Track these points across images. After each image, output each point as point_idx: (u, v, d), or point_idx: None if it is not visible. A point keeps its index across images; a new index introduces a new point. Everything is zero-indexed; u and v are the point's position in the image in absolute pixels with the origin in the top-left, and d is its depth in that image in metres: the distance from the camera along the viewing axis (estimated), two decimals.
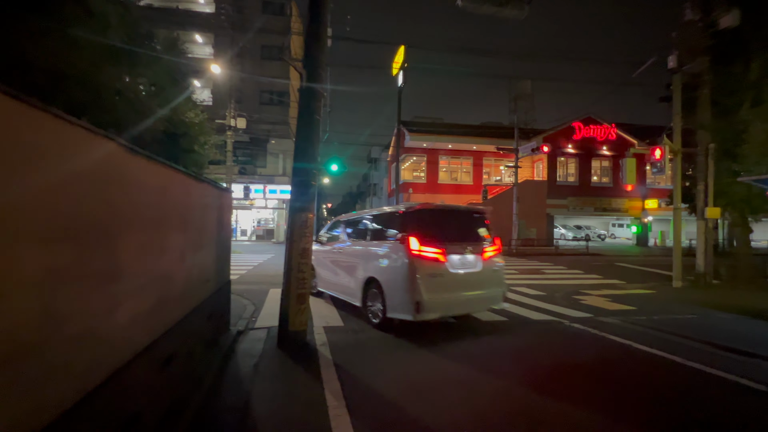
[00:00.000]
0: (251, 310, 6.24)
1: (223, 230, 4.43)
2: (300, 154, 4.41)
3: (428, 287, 4.42)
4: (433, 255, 4.52)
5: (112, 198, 1.85)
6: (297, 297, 4.26)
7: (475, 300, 4.96)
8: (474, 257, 4.88)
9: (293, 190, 4.45)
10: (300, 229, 4.32)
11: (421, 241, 4.50)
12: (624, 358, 4.13)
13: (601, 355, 4.17)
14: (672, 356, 4.10)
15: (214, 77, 19.74)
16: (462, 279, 4.74)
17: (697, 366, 3.82)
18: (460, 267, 4.74)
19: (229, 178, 17.75)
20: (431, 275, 4.48)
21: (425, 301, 4.38)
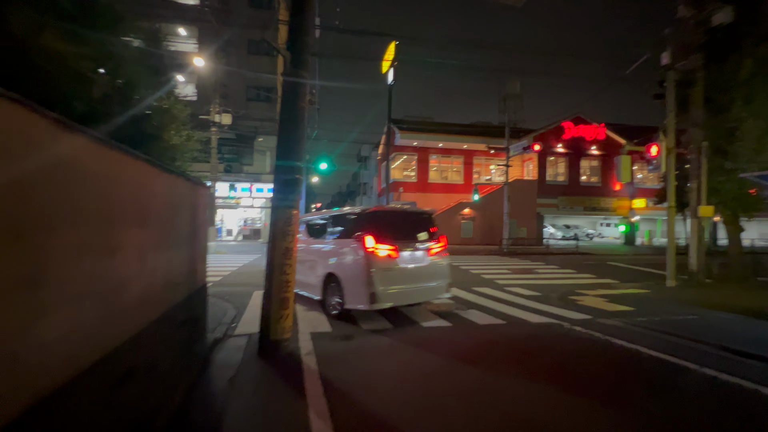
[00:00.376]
0: (232, 315, 5.82)
1: (198, 228, 4.01)
2: (284, 150, 4.04)
3: (382, 280, 4.92)
4: (387, 252, 5.03)
5: (34, 185, 1.46)
6: (280, 301, 3.87)
7: (424, 291, 5.53)
8: (422, 253, 5.47)
9: (276, 187, 4.07)
10: (283, 226, 3.94)
11: (376, 240, 5.00)
12: (637, 366, 3.87)
13: (613, 363, 3.90)
14: (685, 362, 3.84)
15: (199, 72, 19.09)
16: (411, 272, 5.31)
17: (712, 373, 3.57)
18: (410, 262, 5.29)
19: (214, 176, 17.17)
20: (384, 270, 4.99)
21: (379, 292, 4.87)
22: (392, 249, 5.07)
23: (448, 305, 6.59)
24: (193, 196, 3.87)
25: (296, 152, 4.08)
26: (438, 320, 5.48)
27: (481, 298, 7.42)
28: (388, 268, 5.02)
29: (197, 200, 4.03)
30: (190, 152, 15.33)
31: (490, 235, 23.06)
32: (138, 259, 2.44)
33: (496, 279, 10.09)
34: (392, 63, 24.56)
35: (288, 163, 3.99)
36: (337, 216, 6.08)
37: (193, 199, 3.85)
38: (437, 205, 25.63)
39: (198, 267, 4.23)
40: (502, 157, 25.07)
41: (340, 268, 5.36)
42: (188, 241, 3.70)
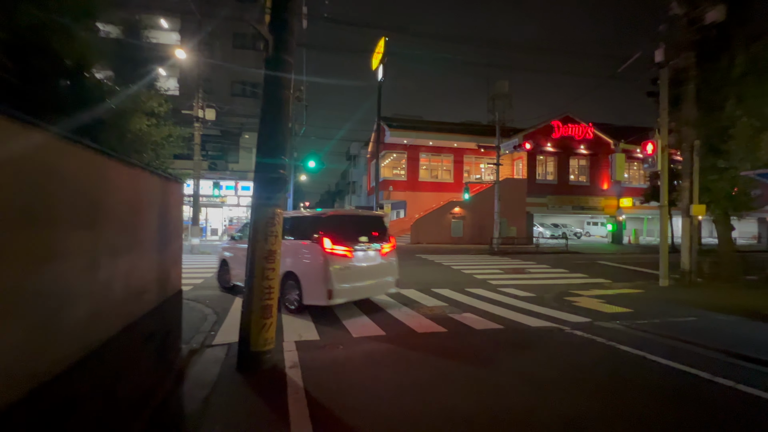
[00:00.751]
0: (212, 321, 5.41)
1: (169, 229, 3.61)
2: (266, 145, 3.66)
3: (338, 278, 5.30)
4: (343, 252, 5.43)
5: None
6: (261, 309, 3.50)
7: (376, 286, 6.04)
8: (374, 253, 5.97)
9: (256, 185, 3.69)
10: (265, 227, 3.56)
11: (333, 242, 5.37)
12: (646, 374, 3.63)
13: (621, 372, 3.65)
14: (696, 371, 3.63)
15: (181, 65, 18.39)
16: (365, 270, 5.76)
17: (727, 383, 3.35)
18: (363, 261, 5.75)
19: (198, 174, 16.55)
20: (341, 269, 5.37)
21: (336, 289, 5.24)
22: (348, 250, 5.50)
23: (442, 309, 6.30)
24: (164, 193, 3.47)
25: (280, 147, 3.71)
26: (433, 325, 5.18)
27: (476, 300, 7.16)
28: (344, 267, 5.42)
29: (168, 198, 3.62)
30: (171, 148, 14.59)
31: (480, 235, 22.94)
32: (86, 267, 2.06)
33: (489, 279, 9.86)
34: (382, 60, 24.22)
35: (271, 161, 3.62)
36: (294, 218, 6.26)
37: (163, 197, 3.45)
38: (428, 204, 25.42)
39: (171, 272, 3.82)
40: (492, 155, 24.98)
41: (298, 267, 5.64)
42: (158, 243, 3.30)
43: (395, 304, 6.64)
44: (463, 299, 7.19)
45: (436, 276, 10.36)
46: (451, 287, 8.46)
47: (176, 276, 4.07)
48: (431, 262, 13.57)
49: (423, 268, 12.18)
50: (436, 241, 22.59)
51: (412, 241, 22.42)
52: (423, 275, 10.49)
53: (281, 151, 3.69)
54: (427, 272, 11.14)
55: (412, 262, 13.61)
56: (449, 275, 10.58)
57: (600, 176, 26.34)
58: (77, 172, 1.98)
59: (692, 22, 9.34)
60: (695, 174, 9.37)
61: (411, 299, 7.08)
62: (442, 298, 7.29)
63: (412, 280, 9.35)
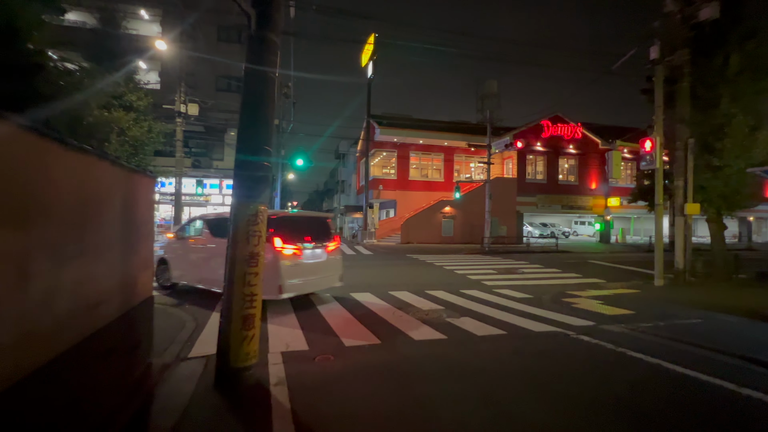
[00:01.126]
0: (190, 329, 4.92)
1: (137, 229, 3.17)
2: (248, 132, 3.25)
3: (288, 274, 5.69)
4: (292, 251, 5.83)
5: None
6: (242, 319, 3.09)
7: (321, 281, 6.48)
8: (320, 251, 6.37)
9: (237, 182, 3.27)
10: (247, 226, 3.15)
11: (283, 241, 5.74)
12: (668, 386, 3.35)
13: (642, 385, 3.35)
14: (720, 381, 3.36)
15: (163, 58, 17.64)
16: (312, 267, 6.16)
17: (756, 395, 3.10)
18: (311, 258, 6.15)
19: (180, 171, 15.86)
20: (290, 265, 5.77)
21: (285, 284, 5.64)
22: (296, 248, 5.90)
23: (439, 313, 5.96)
24: (130, 188, 3.03)
25: (264, 136, 3.30)
26: (430, 331, 4.84)
27: (472, 302, 6.85)
28: (293, 264, 5.83)
29: (136, 193, 3.18)
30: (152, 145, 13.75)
31: (470, 234, 22.78)
32: (14, 275, 1.63)
33: (483, 280, 9.59)
34: (371, 57, 23.84)
35: (253, 152, 3.21)
36: None
37: (128, 191, 3.01)
38: (418, 203, 25.14)
39: (139, 277, 3.38)
40: (482, 154, 24.85)
41: None
42: (122, 244, 2.86)
43: (389, 307, 6.27)
44: (459, 302, 6.87)
45: (428, 277, 10.04)
46: (445, 289, 8.15)
47: (146, 281, 3.63)
48: (423, 263, 13.26)
49: (415, 268, 11.86)
50: (426, 241, 22.32)
51: (402, 240, 22.10)
52: (415, 276, 10.16)
53: (265, 140, 3.29)
54: (420, 273, 10.81)
55: (403, 263, 13.28)
56: (442, 276, 10.28)
57: (588, 176, 26.51)
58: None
59: (686, 19, 9.24)
60: (689, 172, 9.29)
61: (405, 302, 6.73)
62: (437, 300, 6.96)
63: (405, 282, 9.01)
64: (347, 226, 32.23)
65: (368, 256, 15.69)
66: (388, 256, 15.40)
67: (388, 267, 12.14)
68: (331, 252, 6.64)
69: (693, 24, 9.18)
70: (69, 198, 2.07)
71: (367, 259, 14.59)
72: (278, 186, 28.04)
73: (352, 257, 15.08)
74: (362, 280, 9.21)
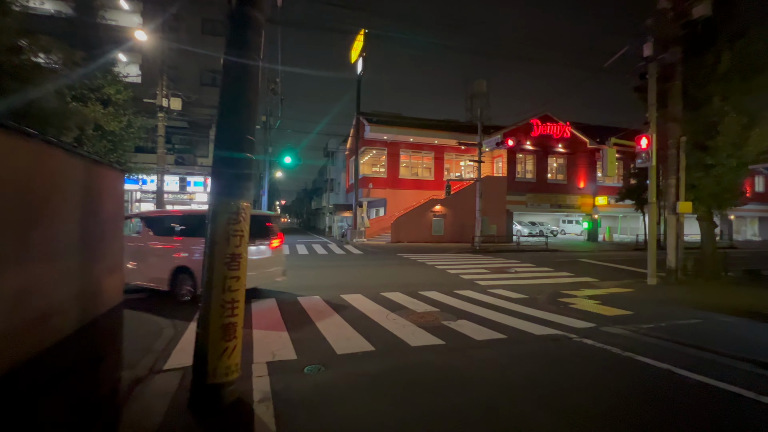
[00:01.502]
0: (168, 337, 4.56)
1: (101, 228, 2.81)
2: (228, 126, 2.91)
3: None
4: None
5: None
6: (222, 329, 2.76)
7: (267, 275, 6.79)
8: (265, 247, 6.70)
9: (216, 171, 2.94)
10: (227, 225, 2.82)
11: None
12: (687, 396, 3.15)
13: (658, 395, 3.15)
14: (737, 389, 3.18)
15: (144, 51, 16.95)
16: (257, 262, 6.33)
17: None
18: (256, 254, 6.32)
19: (162, 168, 15.24)
20: None
21: None
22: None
23: (434, 315, 5.70)
24: (91, 181, 2.66)
25: (246, 124, 2.97)
26: (427, 336, 4.57)
27: (467, 303, 6.62)
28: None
29: (99, 187, 2.81)
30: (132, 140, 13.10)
31: (460, 233, 22.67)
32: None
33: (477, 280, 9.39)
34: (361, 53, 23.46)
35: (235, 150, 2.88)
36: (189, 216, 6.90)
37: (90, 185, 2.64)
38: (408, 202, 24.92)
39: (105, 282, 3.01)
40: (472, 153, 24.76)
41: (193, 262, 6.14)
42: (81, 246, 2.50)
43: (382, 310, 5.99)
44: (454, 303, 6.63)
45: (420, 277, 9.80)
46: (439, 289, 7.91)
47: (114, 287, 3.25)
48: (414, 262, 13.02)
49: (406, 268, 11.60)
50: (416, 240, 22.12)
51: (392, 239, 21.84)
52: (407, 276, 9.90)
53: (248, 130, 2.96)
54: (411, 273, 10.56)
55: (394, 262, 13.02)
56: (434, 276, 10.05)
57: (576, 175, 26.71)
58: None
59: (679, 17, 9.19)
60: (681, 171, 9.25)
61: (398, 304, 6.46)
62: (431, 302, 6.71)
63: (397, 282, 8.74)
64: (336, 225, 31.79)
65: (358, 255, 15.38)
66: (378, 256, 15.11)
67: (379, 267, 11.86)
68: (275, 249, 6.99)
69: (685, 22, 9.15)
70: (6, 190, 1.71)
71: (357, 258, 14.27)
72: (266, 184, 27.46)
73: (341, 257, 14.74)
74: (353, 281, 8.91)
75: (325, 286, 8.16)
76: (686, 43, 9.21)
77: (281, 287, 7.82)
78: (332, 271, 10.80)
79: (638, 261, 14.53)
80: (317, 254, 15.53)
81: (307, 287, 7.92)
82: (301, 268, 11.22)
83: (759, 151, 8.47)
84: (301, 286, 8.01)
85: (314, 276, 9.69)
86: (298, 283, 8.40)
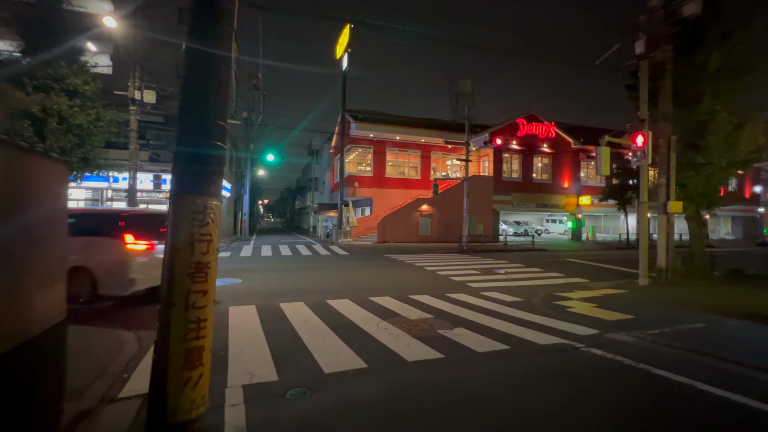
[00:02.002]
0: (130, 354, 4.01)
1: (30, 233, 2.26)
2: (193, 105, 2.42)
3: (140, 269, 5.98)
4: (143, 246, 6.09)
5: None
6: (185, 355, 2.26)
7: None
8: None
9: (177, 167, 2.44)
10: (191, 227, 2.32)
11: (135, 237, 6.03)
12: (717, 417, 2.84)
13: (691, 419, 2.83)
14: None
15: (116, 41, 15.92)
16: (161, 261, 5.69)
17: None
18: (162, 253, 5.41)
19: (134, 165, 14.37)
20: (142, 260, 6.04)
21: (138, 278, 5.94)
22: (148, 243, 6.13)
23: (429, 323, 5.29)
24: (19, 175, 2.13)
25: (216, 110, 2.47)
26: (424, 349, 4.15)
27: (462, 308, 6.25)
28: (145, 259, 6.07)
29: (32, 182, 2.27)
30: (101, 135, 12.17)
31: (447, 233, 22.45)
32: None
33: (468, 282, 9.07)
34: (346, 48, 22.93)
35: (202, 135, 2.38)
36: (94, 215, 7.01)
37: (17, 180, 2.11)
38: (394, 202, 24.54)
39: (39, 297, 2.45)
40: (459, 152, 24.60)
41: (94, 262, 6.02)
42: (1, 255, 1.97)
43: (372, 317, 5.54)
44: (448, 308, 6.25)
45: (410, 279, 9.40)
46: (430, 293, 7.53)
47: (54, 301, 2.69)
48: (402, 263, 12.63)
49: (394, 270, 11.19)
50: (403, 240, 21.76)
51: (378, 240, 21.41)
52: (396, 279, 9.49)
53: (217, 112, 2.46)
54: (400, 275, 10.16)
55: (381, 263, 12.59)
56: (424, 278, 9.67)
57: (561, 175, 26.92)
58: None
59: (670, 15, 9.10)
60: (672, 170, 9.18)
61: (389, 310, 6.03)
62: (423, 307, 6.31)
63: (386, 285, 8.32)
64: (321, 225, 31.10)
65: (344, 256, 14.88)
66: (365, 257, 14.65)
67: (366, 269, 11.40)
68: None
69: (676, 20, 9.07)
70: None
71: (343, 260, 13.77)
72: (247, 183, 26.56)
73: (326, 258, 14.21)
74: (339, 284, 8.43)
75: (310, 290, 7.65)
76: (677, 41, 9.13)
77: (263, 293, 7.27)
78: (317, 273, 10.28)
79: (624, 260, 14.59)
80: (301, 255, 14.95)
81: (290, 292, 7.40)
82: (284, 270, 10.66)
83: (749, 150, 8.46)
84: (284, 291, 7.48)
85: (298, 279, 9.15)
86: (280, 288, 7.86)
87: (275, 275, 9.65)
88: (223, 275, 9.20)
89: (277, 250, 17.03)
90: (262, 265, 11.77)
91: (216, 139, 2.45)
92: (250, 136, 25.25)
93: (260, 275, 9.54)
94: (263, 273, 9.96)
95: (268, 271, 10.45)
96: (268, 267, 11.27)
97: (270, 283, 8.38)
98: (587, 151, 27.16)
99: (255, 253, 15.33)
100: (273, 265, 11.68)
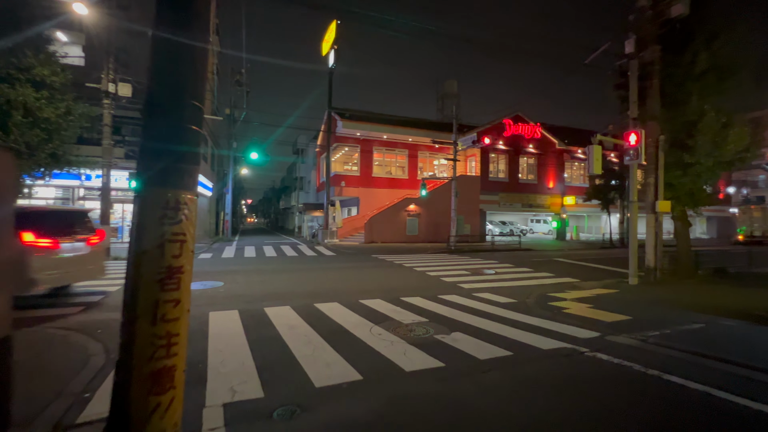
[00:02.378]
0: (95, 368, 3.58)
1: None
2: (161, 84, 2.06)
3: (42, 268, 5.62)
4: (46, 244, 5.73)
5: None
6: (152, 378, 1.91)
7: (83, 272, 6.47)
8: (81, 244, 6.36)
9: (144, 155, 2.09)
10: (159, 225, 1.97)
11: (36, 235, 5.60)
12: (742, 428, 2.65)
13: (709, 429, 2.63)
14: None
15: (87, 29, 15.07)
16: (72, 259, 6.13)
17: None
18: (70, 251, 6.10)
19: (108, 161, 13.63)
20: (45, 259, 5.70)
21: (40, 278, 5.59)
22: (51, 241, 5.82)
23: (425, 328, 5.02)
24: None
25: (190, 89, 2.12)
26: (422, 357, 3.87)
27: (456, 311, 6.02)
28: (48, 257, 5.76)
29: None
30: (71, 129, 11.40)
31: (434, 233, 22.32)
32: None
33: (459, 283, 8.86)
34: (333, 45, 22.50)
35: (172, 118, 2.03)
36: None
37: None
38: (381, 201, 24.26)
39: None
40: (446, 151, 24.51)
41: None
42: None
43: (363, 322, 5.24)
44: (442, 311, 6.01)
45: (400, 281, 9.13)
46: (422, 294, 7.28)
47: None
48: (390, 264, 12.35)
49: (384, 271, 10.90)
50: (391, 240, 21.50)
51: (366, 240, 21.08)
52: (386, 280, 9.20)
53: (193, 92, 2.11)
54: (390, 276, 9.87)
55: (370, 264, 12.28)
56: (414, 279, 9.42)
57: (546, 175, 27.21)
58: None
59: (658, 16, 9.14)
60: (660, 170, 9.21)
61: (381, 314, 5.73)
62: (416, 310, 6.04)
63: (375, 287, 8.02)
64: (306, 225, 30.53)
65: (331, 257, 14.49)
66: (352, 257, 14.30)
67: (354, 270, 11.07)
68: (94, 245, 6.80)
69: (664, 21, 9.11)
70: None
71: (330, 261, 13.39)
72: (230, 182, 25.77)
73: (313, 259, 13.80)
74: (327, 286, 8.08)
75: (297, 293, 7.28)
76: (665, 41, 9.18)
77: (246, 296, 6.85)
78: (304, 275, 9.89)
79: (610, 259, 14.74)
80: (286, 256, 14.48)
81: (276, 295, 7.01)
82: (268, 272, 10.21)
83: (737, 149, 8.54)
84: (269, 294, 7.08)
85: (284, 281, 8.75)
86: (265, 291, 7.46)
87: (259, 277, 9.21)
88: (203, 278, 8.71)
89: (261, 251, 16.49)
90: (245, 266, 11.28)
91: (191, 122, 2.10)
92: (232, 133, 24.51)
93: (243, 278, 9.08)
94: (246, 275, 9.51)
95: (251, 273, 9.99)
96: (252, 269, 10.80)
97: (254, 286, 7.95)
98: (571, 152, 27.57)
99: (238, 254, 14.77)
100: (257, 267, 11.21)
